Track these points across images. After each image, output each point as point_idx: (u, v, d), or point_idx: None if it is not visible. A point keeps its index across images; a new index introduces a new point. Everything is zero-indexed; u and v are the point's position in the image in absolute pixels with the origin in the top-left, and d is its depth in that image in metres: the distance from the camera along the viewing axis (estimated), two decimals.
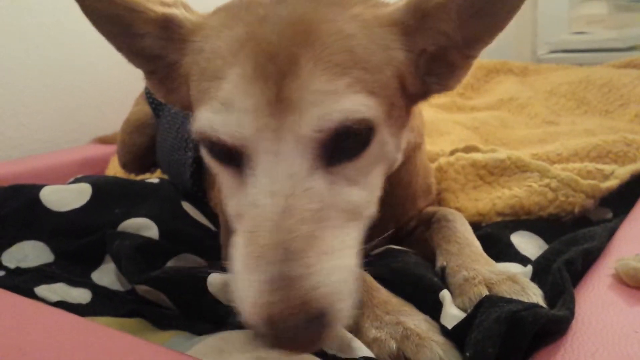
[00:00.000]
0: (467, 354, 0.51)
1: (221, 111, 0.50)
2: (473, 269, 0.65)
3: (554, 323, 0.53)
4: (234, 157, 0.52)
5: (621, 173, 0.93)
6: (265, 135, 0.50)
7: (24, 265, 0.89)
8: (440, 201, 0.98)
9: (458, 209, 0.90)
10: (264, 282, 0.44)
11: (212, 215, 1.03)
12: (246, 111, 0.49)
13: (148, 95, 1.30)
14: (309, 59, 0.50)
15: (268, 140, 0.50)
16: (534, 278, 0.65)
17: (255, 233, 0.47)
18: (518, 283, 0.61)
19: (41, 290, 0.80)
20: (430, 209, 0.88)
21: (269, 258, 0.45)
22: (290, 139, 0.50)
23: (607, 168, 0.95)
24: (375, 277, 0.67)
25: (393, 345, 0.56)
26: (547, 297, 0.60)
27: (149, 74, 0.67)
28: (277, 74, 0.50)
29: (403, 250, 0.76)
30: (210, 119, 0.51)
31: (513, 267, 0.73)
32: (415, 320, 0.58)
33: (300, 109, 0.49)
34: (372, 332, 0.58)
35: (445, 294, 0.64)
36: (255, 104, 0.49)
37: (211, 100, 0.51)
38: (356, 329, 0.61)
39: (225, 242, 0.88)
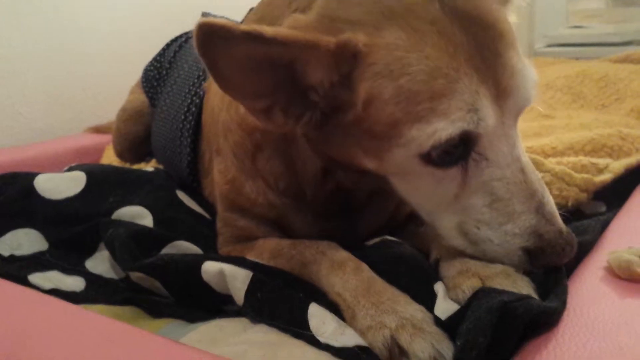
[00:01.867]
0: (458, 343, 0.51)
1: (470, 117, 0.57)
2: (466, 262, 0.66)
3: (545, 314, 0.54)
4: (456, 159, 0.61)
5: (615, 167, 0.93)
6: (498, 124, 0.60)
7: (18, 253, 0.89)
8: None
9: None
10: (543, 217, 0.61)
11: (207, 204, 1.03)
12: (487, 111, 0.58)
13: (144, 84, 1.30)
14: (503, 49, 0.60)
15: (499, 127, 0.60)
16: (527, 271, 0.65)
17: (510, 196, 0.61)
18: (511, 276, 0.61)
19: (35, 277, 0.80)
20: None
21: (536, 204, 0.61)
22: (511, 119, 0.61)
23: (602, 162, 0.95)
24: (371, 267, 0.67)
25: (387, 333, 0.56)
26: (540, 290, 0.60)
27: (267, 110, 0.62)
28: (490, 71, 0.58)
29: (399, 242, 0.76)
30: (461, 127, 0.57)
31: None
32: (410, 310, 0.59)
33: (515, 93, 0.60)
34: (367, 321, 0.59)
35: (439, 286, 0.65)
36: (490, 103, 0.58)
37: (447, 112, 0.56)
38: (351, 317, 0.61)
39: (222, 230, 0.88)
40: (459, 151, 0.60)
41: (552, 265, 0.62)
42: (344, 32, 0.58)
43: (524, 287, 0.59)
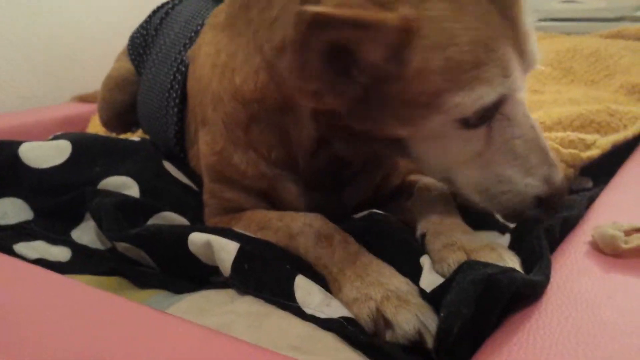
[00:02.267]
0: (442, 315, 0.52)
1: (506, 82, 0.61)
2: (452, 236, 0.67)
3: (529, 287, 0.54)
4: (488, 119, 0.64)
5: (603, 143, 0.94)
6: (523, 84, 0.64)
7: (3, 222, 0.88)
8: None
9: None
10: (549, 169, 0.65)
11: (194, 175, 1.02)
12: (518, 74, 0.62)
13: (130, 52, 1.27)
14: (519, 14, 0.62)
15: (522, 87, 0.64)
16: (512, 246, 0.66)
17: (528, 152, 0.65)
18: (496, 250, 0.62)
19: (20, 247, 0.79)
20: (413, 177, 0.88)
21: (544, 158, 0.66)
22: (525, 80, 0.65)
23: (589, 138, 0.95)
24: (358, 240, 0.67)
25: (373, 305, 0.57)
26: (525, 264, 0.61)
27: (317, 92, 0.62)
28: (514, 37, 0.61)
29: (386, 215, 0.77)
30: (500, 92, 0.61)
31: (491, 236, 0.74)
32: (396, 283, 0.59)
33: (529, 56, 0.64)
34: (353, 293, 0.59)
35: (425, 259, 0.65)
36: (519, 66, 0.62)
37: (490, 79, 0.59)
38: (337, 289, 0.61)
39: (209, 202, 0.87)
40: (492, 113, 0.63)
41: (555, 207, 0.68)
42: (392, 6, 0.58)
43: (508, 260, 0.60)
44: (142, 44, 1.25)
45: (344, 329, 0.56)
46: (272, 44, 0.67)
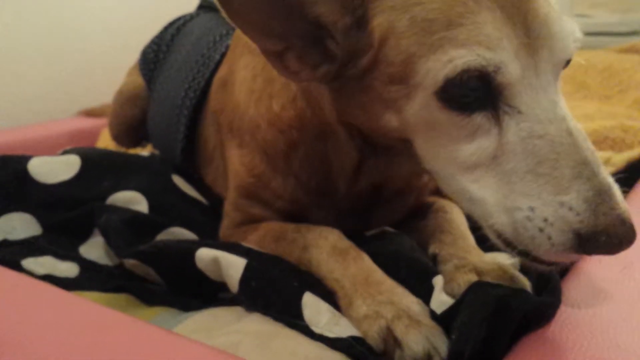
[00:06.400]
0: (453, 337, 0.51)
1: (490, 55, 0.52)
2: (464, 257, 0.66)
3: (540, 309, 0.53)
4: (478, 102, 0.54)
5: (617, 160, 0.93)
6: (530, 74, 0.53)
7: (11, 237, 0.88)
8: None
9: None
10: (598, 194, 0.50)
11: (206, 189, 1.02)
12: (509, 54, 0.52)
13: (142, 66, 1.28)
14: None
15: (533, 78, 0.54)
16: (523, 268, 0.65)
17: (557, 157, 0.51)
18: (507, 273, 0.61)
19: (28, 263, 0.79)
20: (430, 198, 0.88)
21: (588, 173, 0.51)
22: (548, 73, 0.54)
23: (604, 155, 0.94)
24: (370, 258, 0.67)
25: (383, 323, 0.56)
26: (536, 287, 0.59)
27: (281, 54, 0.60)
28: (518, 14, 0.53)
29: (399, 234, 0.76)
30: (478, 59, 0.51)
31: (502, 258, 0.73)
32: (407, 302, 0.58)
33: (548, 43, 0.54)
34: (364, 310, 0.58)
35: (438, 280, 0.64)
36: (514, 47, 0.53)
37: (465, 42, 0.52)
38: (348, 305, 0.61)
39: (231, 214, 0.86)
40: (479, 93, 0.54)
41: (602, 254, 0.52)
42: None
43: (519, 283, 0.59)
44: (153, 59, 1.25)
45: (352, 348, 0.55)
46: None
